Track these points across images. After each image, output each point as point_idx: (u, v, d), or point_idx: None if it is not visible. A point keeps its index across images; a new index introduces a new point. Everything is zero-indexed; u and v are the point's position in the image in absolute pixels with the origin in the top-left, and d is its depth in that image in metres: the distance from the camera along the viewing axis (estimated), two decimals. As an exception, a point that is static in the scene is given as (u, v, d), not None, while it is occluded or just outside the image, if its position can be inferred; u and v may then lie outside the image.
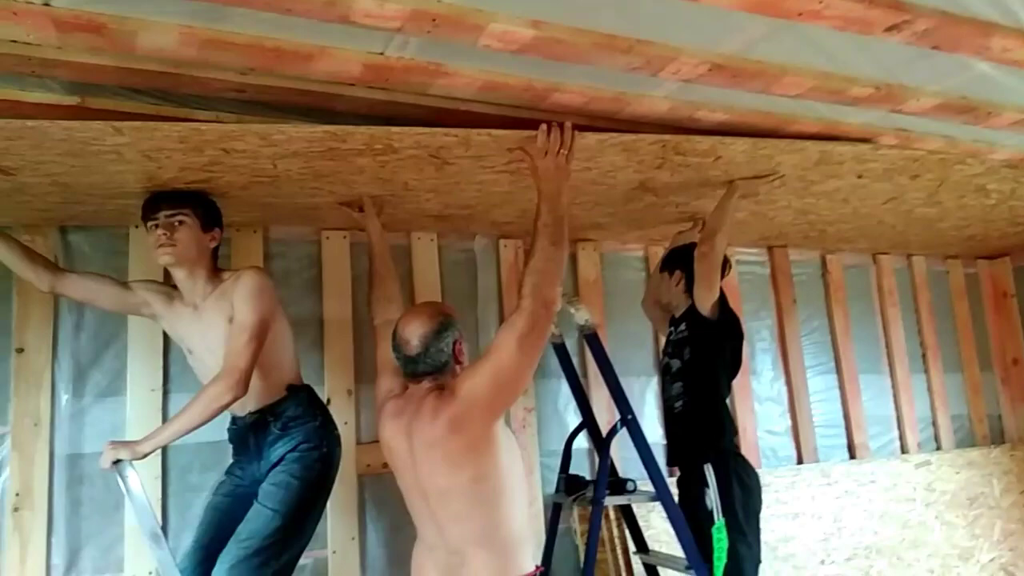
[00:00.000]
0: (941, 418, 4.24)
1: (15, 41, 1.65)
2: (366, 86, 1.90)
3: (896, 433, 4.10)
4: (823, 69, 1.96)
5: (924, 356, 4.28)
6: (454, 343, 1.99)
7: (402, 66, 1.77)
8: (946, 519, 3.89)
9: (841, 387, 4.00)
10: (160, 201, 2.21)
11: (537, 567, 1.94)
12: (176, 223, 2.19)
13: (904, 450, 4.08)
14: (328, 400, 2.85)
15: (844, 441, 3.94)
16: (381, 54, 1.71)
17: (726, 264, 2.85)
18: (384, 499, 2.87)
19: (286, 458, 2.25)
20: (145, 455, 2.07)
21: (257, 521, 2.17)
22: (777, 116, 2.23)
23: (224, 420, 2.36)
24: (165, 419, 2.65)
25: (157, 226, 2.18)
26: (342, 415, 2.81)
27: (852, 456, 3.92)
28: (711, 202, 2.74)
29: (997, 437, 4.40)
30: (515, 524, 1.91)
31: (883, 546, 3.67)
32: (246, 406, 2.28)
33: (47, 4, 1.47)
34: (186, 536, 2.56)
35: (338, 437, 2.41)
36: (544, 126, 2.06)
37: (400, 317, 2.06)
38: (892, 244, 4.07)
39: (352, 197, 2.51)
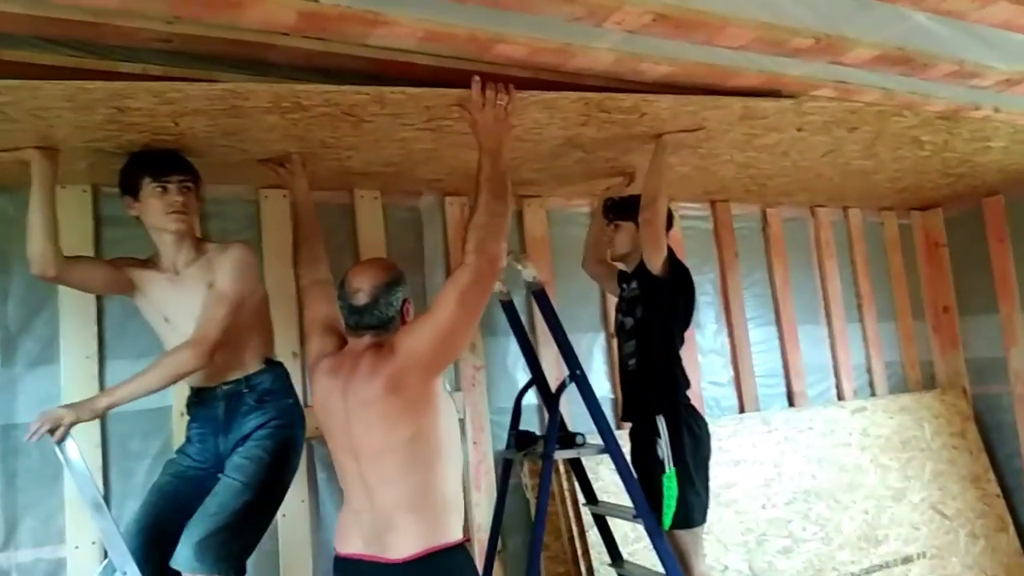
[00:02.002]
0: (875, 365, 4.39)
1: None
2: (301, 36, 1.83)
3: (833, 381, 4.24)
4: (765, 20, 1.96)
5: (859, 306, 4.41)
6: (404, 301, 1.95)
7: (338, 14, 1.70)
8: (880, 462, 4.05)
9: (781, 338, 4.10)
10: (171, 165, 2.16)
11: (464, 538, 1.89)
12: (185, 189, 2.15)
13: (840, 397, 4.22)
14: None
15: (784, 390, 4.06)
16: (316, 1, 1.64)
17: (670, 218, 2.87)
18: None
19: (257, 432, 2.20)
20: (102, 412, 2.03)
21: (226, 494, 2.10)
22: (720, 69, 2.22)
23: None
24: (102, 387, 2.57)
25: (165, 190, 2.12)
26: (289, 378, 2.77)
27: (791, 404, 4.04)
28: (640, 156, 2.74)
29: (928, 382, 4.58)
30: (448, 488, 1.86)
31: (821, 489, 3.81)
32: (223, 376, 2.23)
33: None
34: (130, 504, 2.51)
35: (304, 418, 2.36)
36: (477, 79, 2.02)
37: (349, 269, 2.00)
38: (829, 197, 4.15)
39: (272, 154, 2.44)
